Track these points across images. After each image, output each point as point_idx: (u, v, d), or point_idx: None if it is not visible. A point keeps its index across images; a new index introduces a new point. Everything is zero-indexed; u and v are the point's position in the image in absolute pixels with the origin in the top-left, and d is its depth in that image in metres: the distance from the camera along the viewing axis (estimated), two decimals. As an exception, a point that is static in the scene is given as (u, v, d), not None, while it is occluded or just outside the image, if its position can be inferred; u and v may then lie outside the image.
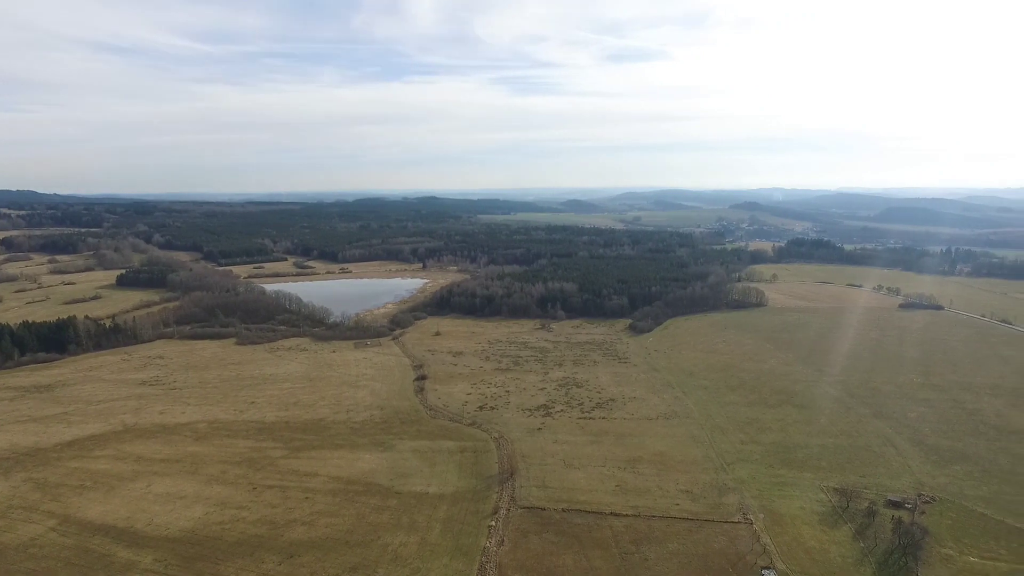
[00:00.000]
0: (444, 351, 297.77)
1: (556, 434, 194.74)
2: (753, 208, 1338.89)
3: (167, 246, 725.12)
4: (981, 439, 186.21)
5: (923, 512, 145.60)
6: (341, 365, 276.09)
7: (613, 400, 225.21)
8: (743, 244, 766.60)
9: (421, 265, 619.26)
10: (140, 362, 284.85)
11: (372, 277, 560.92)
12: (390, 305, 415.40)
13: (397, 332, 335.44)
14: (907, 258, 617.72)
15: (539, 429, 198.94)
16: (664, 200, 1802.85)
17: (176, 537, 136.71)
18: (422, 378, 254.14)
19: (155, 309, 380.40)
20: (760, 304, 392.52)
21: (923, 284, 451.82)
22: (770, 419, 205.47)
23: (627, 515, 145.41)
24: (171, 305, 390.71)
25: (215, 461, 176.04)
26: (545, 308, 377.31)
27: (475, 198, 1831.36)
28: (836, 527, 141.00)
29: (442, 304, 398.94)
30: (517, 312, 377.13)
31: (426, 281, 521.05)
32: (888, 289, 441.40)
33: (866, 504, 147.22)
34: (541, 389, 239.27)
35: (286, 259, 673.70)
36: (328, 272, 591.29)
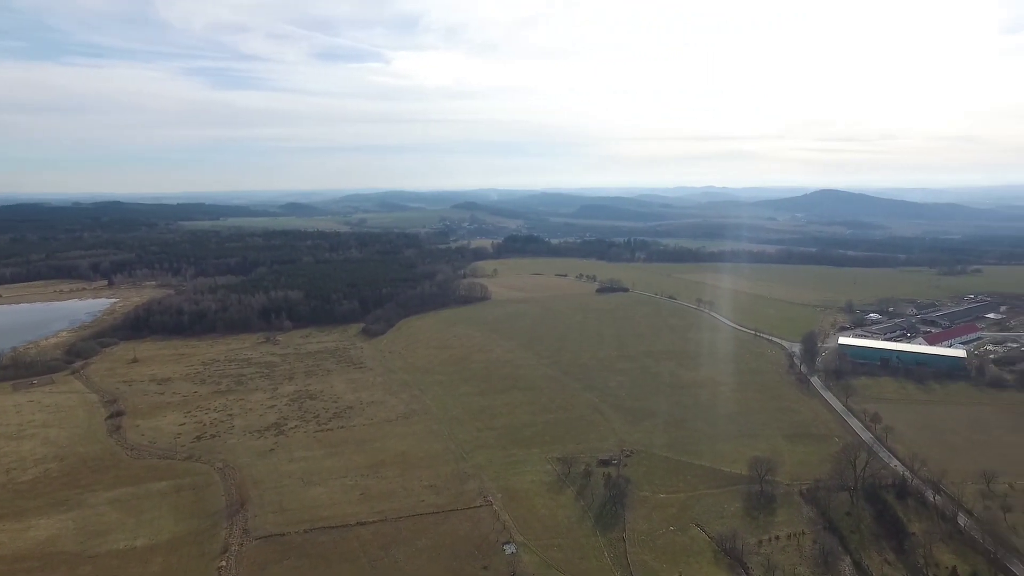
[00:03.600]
0: (145, 379, 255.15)
1: (291, 452, 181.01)
2: (472, 208, 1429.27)
3: None
4: (661, 396, 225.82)
5: (626, 465, 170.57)
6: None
7: (351, 407, 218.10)
8: (466, 242, 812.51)
9: (106, 282, 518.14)
10: None
11: (35, 301, 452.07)
12: (64, 333, 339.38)
13: (78, 365, 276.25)
14: (599, 249, 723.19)
15: (271, 450, 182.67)
16: (389, 202, 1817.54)
17: None
18: (117, 414, 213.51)
19: None
20: (485, 298, 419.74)
21: (613, 270, 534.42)
22: (500, 404, 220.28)
23: (374, 522, 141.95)
24: None
25: None
26: (269, 319, 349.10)
27: (173, 202, 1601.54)
28: (561, 492, 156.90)
29: (139, 325, 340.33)
30: (236, 327, 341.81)
31: (115, 300, 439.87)
32: (587, 276, 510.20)
33: (583, 467, 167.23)
34: (271, 407, 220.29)
35: None
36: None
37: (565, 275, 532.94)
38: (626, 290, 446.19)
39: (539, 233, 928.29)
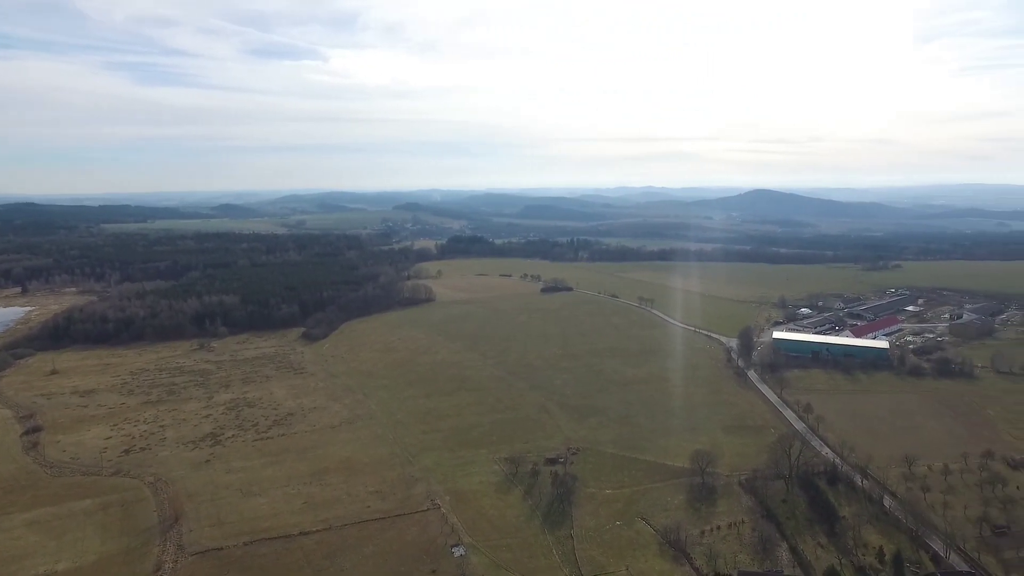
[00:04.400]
0: (67, 392, 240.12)
1: (229, 463, 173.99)
2: (415, 209, 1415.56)
3: None
4: (606, 393, 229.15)
5: (572, 463, 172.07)
6: None
7: (292, 414, 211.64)
8: (409, 243, 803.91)
9: (20, 289, 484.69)
10: None
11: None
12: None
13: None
14: (543, 249, 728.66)
15: (207, 461, 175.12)
16: (328, 203, 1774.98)
17: None
18: (34, 430, 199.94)
19: None
20: (429, 300, 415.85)
21: (557, 270, 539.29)
22: (447, 406, 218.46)
23: (318, 531, 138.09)
24: None
25: None
26: (203, 325, 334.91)
27: (94, 204, 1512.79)
28: (509, 492, 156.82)
29: (58, 335, 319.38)
30: (167, 334, 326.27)
31: (31, 309, 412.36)
32: (531, 276, 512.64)
33: (531, 466, 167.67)
34: (206, 416, 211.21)
35: None
36: None
37: (510, 275, 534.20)
38: (570, 289, 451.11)
39: (483, 234, 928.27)
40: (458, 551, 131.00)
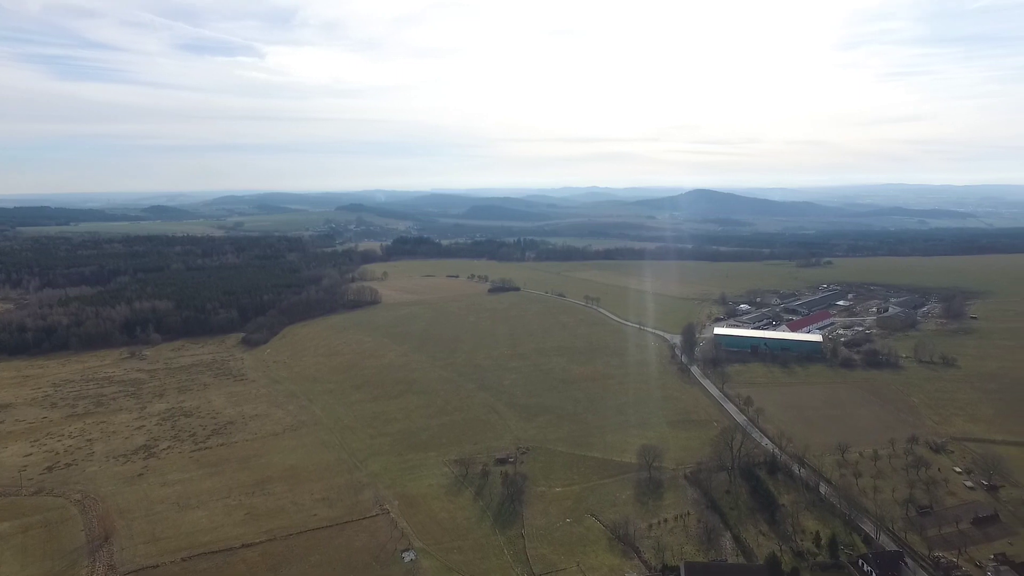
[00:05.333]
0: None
1: (164, 475, 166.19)
2: (359, 210, 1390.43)
3: None
4: (555, 392, 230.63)
5: (522, 462, 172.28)
6: None
7: (232, 423, 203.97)
8: (353, 245, 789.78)
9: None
10: None
11: None
12: None
13: None
14: (490, 249, 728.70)
15: (140, 475, 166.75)
16: (268, 204, 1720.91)
17: None
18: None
19: None
20: (375, 302, 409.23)
21: (504, 270, 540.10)
22: (395, 409, 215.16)
23: (261, 542, 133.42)
24: None
25: None
26: (134, 333, 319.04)
27: (10, 205, 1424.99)
28: (460, 494, 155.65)
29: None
30: (94, 343, 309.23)
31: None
32: (479, 277, 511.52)
33: (481, 467, 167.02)
34: (138, 428, 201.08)
35: None
36: None
37: (457, 276, 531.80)
38: (517, 289, 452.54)
39: (429, 234, 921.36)
40: (408, 556, 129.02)
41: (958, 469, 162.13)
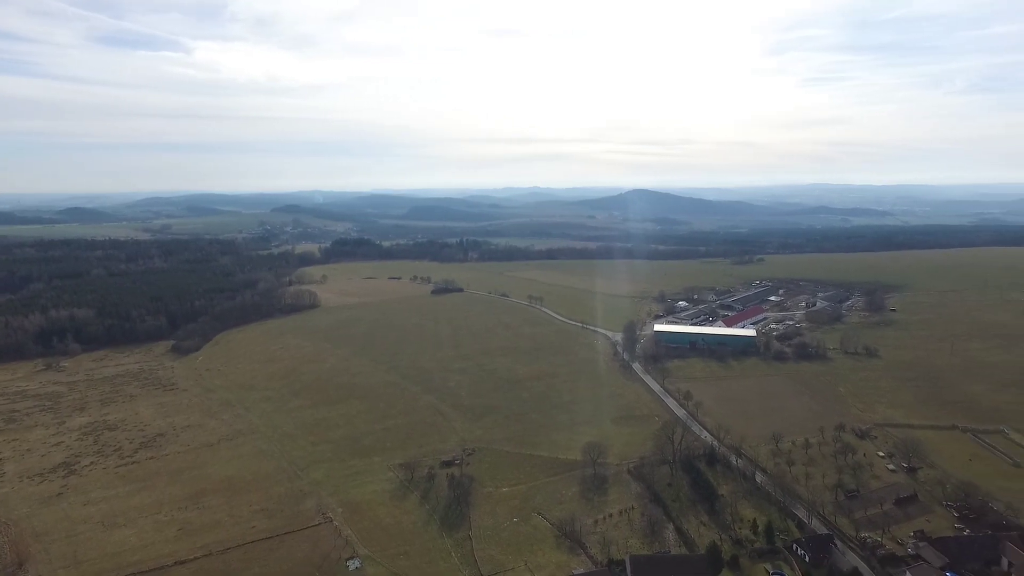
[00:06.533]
0: None
1: (87, 494, 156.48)
2: (295, 211, 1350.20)
3: None
4: (500, 392, 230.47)
5: (468, 464, 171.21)
6: None
7: (162, 435, 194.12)
8: (290, 247, 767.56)
9: None
10: None
11: None
12: None
13: None
14: (432, 250, 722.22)
15: (59, 495, 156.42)
16: (197, 205, 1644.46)
17: None
18: None
19: None
20: (314, 306, 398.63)
21: (447, 271, 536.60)
22: (336, 416, 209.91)
23: (195, 558, 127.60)
24: None
25: None
26: (50, 343, 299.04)
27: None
28: (405, 499, 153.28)
29: None
30: (4, 354, 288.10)
31: None
32: (421, 278, 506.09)
33: (426, 471, 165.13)
34: (56, 444, 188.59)
35: None
36: None
37: (399, 278, 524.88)
38: (461, 290, 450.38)
39: (370, 236, 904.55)
40: (353, 564, 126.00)
41: (881, 453, 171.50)
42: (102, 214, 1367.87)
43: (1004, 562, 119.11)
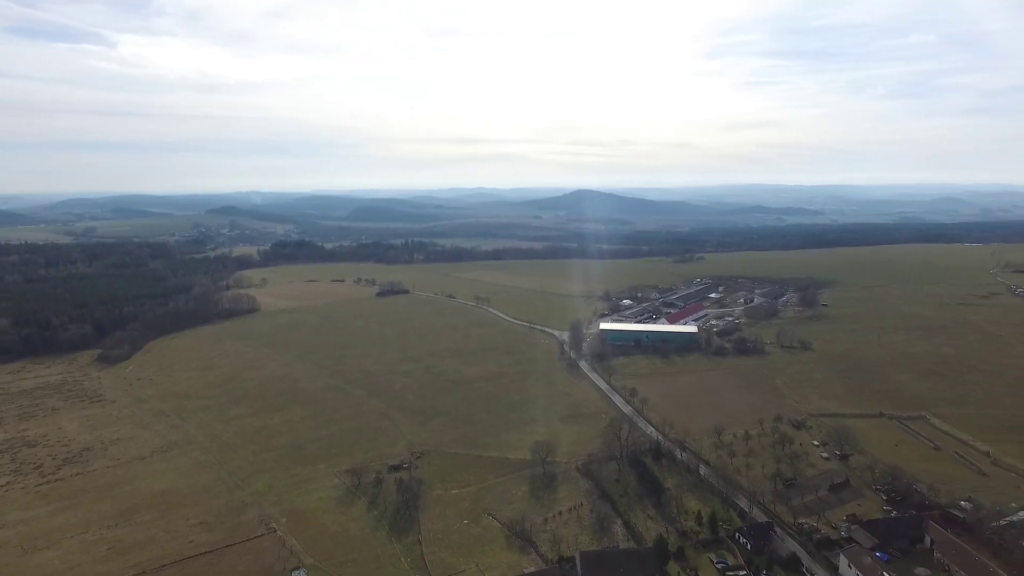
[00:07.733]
0: None
1: (3, 516, 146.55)
2: (232, 213, 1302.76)
3: None
4: (447, 394, 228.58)
5: (417, 467, 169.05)
6: None
7: (88, 449, 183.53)
8: (227, 250, 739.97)
9: None
10: None
11: None
12: None
13: None
14: (377, 252, 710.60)
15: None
16: (125, 207, 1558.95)
17: None
18: None
19: None
20: (253, 310, 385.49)
21: (392, 273, 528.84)
22: (279, 423, 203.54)
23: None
24: None
25: None
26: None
27: None
28: (352, 505, 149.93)
29: None
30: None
31: None
32: (366, 280, 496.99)
33: (374, 476, 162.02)
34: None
35: None
36: None
37: (342, 280, 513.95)
38: (406, 292, 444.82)
39: (311, 238, 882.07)
40: (298, 574, 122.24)
41: (816, 442, 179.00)
42: (17, 216, 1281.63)
43: (927, 540, 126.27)
